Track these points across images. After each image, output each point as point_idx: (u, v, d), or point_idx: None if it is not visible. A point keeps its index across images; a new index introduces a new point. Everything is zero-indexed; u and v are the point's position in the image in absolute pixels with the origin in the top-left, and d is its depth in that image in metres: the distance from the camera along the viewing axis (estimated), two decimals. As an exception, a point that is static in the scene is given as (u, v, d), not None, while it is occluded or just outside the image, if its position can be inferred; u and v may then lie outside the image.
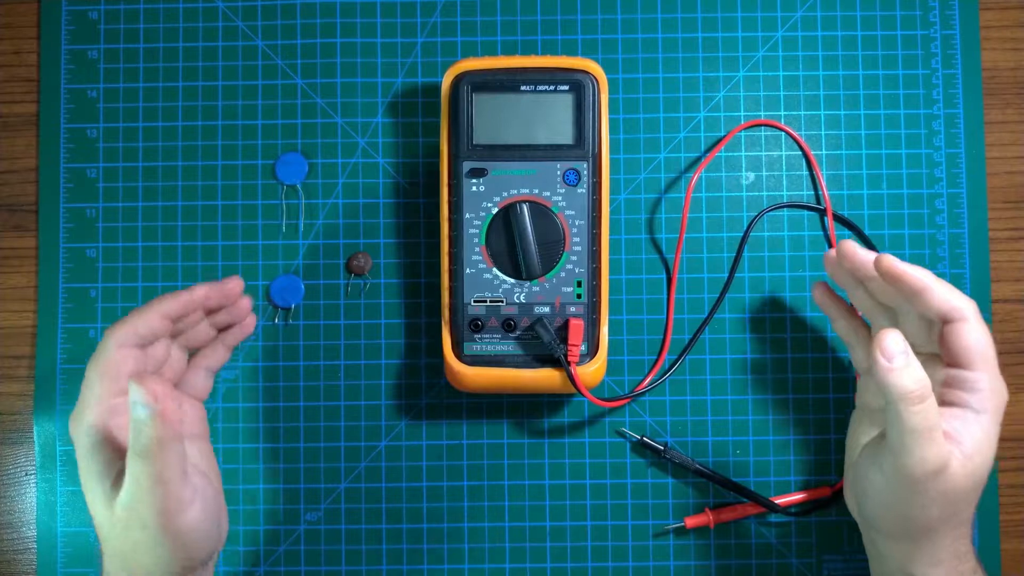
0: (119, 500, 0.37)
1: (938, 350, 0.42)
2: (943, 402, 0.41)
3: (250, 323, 0.46)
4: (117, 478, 0.38)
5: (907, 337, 0.43)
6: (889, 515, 0.40)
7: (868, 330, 0.46)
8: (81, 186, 0.52)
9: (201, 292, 0.42)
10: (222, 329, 0.45)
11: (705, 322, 0.51)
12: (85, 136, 0.52)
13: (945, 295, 0.40)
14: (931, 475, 0.38)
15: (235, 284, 0.43)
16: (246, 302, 0.45)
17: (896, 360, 0.37)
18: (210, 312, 0.44)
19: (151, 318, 0.40)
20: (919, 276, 0.40)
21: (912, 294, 0.41)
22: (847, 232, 0.51)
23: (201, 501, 0.39)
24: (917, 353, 0.43)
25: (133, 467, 0.36)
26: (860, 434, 0.45)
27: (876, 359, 0.37)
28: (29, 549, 0.51)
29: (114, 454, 0.39)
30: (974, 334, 0.40)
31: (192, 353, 0.45)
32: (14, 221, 0.52)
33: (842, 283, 0.46)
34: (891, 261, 0.41)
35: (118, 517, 0.38)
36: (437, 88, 0.52)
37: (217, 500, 0.41)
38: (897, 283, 0.41)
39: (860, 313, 0.47)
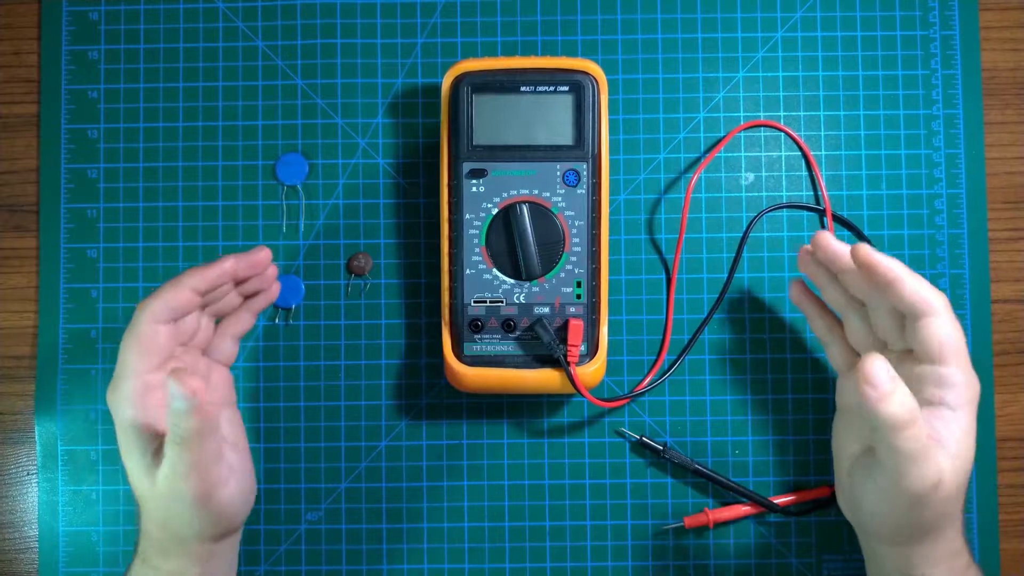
0: (159, 475, 0.39)
1: (910, 346, 0.42)
2: (920, 400, 0.40)
3: (275, 290, 0.46)
4: (157, 452, 0.40)
5: (878, 332, 0.44)
6: (887, 524, 0.40)
7: (842, 328, 0.46)
8: (82, 187, 0.52)
9: (230, 264, 0.42)
10: (248, 296, 0.46)
11: (704, 322, 0.51)
12: (86, 137, 0.52)
13: (916, 288, 0.40)
14: (930, 489, 0.38)
15: (264, 255, 0.44)
16: (272, 269, 0.45)
17: (883, 387, 0.37)
18: (238, 282, 0.44)
19: (182, 293, 0.41)
20: (892, 267, 0.40)
21: (885, 285, 0.40)
22: (846, 233, 0.51)
23: (236, 479, 0.41)
24: (889, 351, 0.43)
25: (171, 453, 0.38)
26: (846, 438, 0.45)
27: (863, 390, 0.37)
28: (31, 548, 0.52)
29: (152, 429, 0.40)
30: (945, 328, 0.40)
31: (218, 320, 0.46)
32: (15, 221, 0.53)
33: (816, 278, 0.46)
34: (867, 250, 0.41)
35: (159, 490, 0.39)
36: (437, 89, 0.52)
37: (249, 470, 0.43)
38: (871, 272, 0.41)
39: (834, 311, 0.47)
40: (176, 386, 0.36)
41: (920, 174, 0.52)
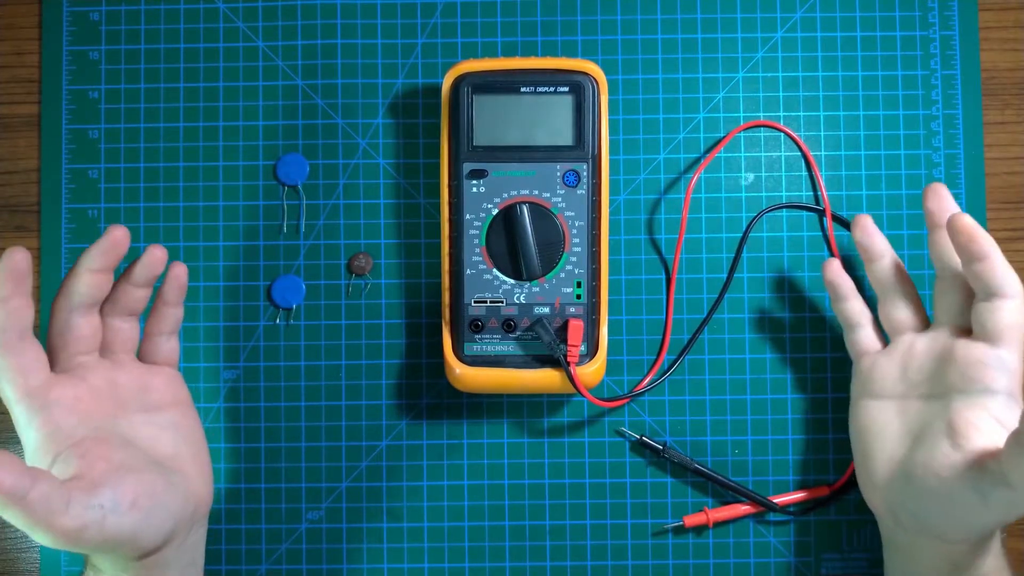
0: None
1: (967, 324, 0.42)
2: (977, 387, 0.40)
3: (179, 271, 0.44)
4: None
5: (937, 304, 0.44)
6: (973, 530, 0.40)
7: (871, 311, 0.47)
8: (83, 187, 0.52)
9: (19, 256, 0.37)
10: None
11: (704, 322, 0.51)
12: (87, 137, 0.52)
13: (1004, 268, 0.41)
14: None
15: (120, 233, 0.40)
16: (156, 250, 0.42)
17: None
18: (119, 274, 0.42)
19: None
20: (988, 242, 0.41)
21: (976, 257, 0.40)
22: (846, 233, 0.51)
23: (113, 513, 0.37)
24: (940, 326, 0.43)
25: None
26: (885, 430, 0.44)
27: None
28: (32, 548, 0.52)
29: (50, 450, 0.38)
30: (1020, 314, 0.40)
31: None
32: (16, 222, 0.53)
33: (871, 250, 0.46)
34: (969, 220, 0.41)
35: None
36: (437, 89, 0.52)
37: (154, 488, 0.39)
38: (968, 243, 0.41)
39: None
40: None
41: (919, 174, 0.52)
